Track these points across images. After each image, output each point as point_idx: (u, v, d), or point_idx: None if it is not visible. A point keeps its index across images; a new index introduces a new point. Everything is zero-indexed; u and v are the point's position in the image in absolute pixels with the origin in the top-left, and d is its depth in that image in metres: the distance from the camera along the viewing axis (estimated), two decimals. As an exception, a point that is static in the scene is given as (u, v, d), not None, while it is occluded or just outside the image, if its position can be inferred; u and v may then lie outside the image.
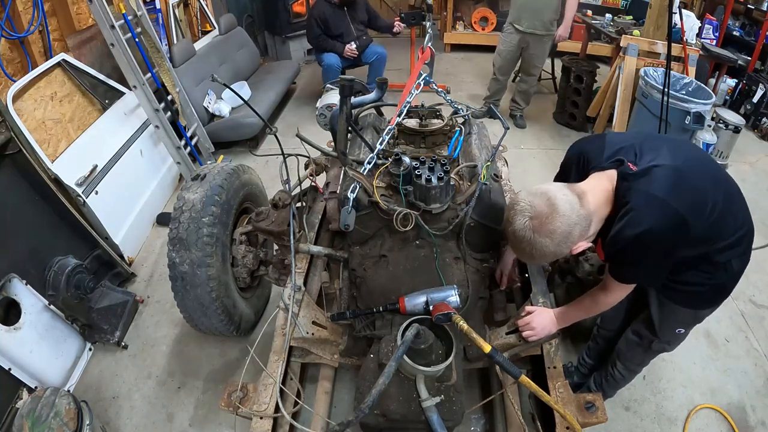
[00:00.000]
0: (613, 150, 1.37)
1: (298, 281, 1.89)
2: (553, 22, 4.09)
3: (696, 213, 1.25)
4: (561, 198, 1.23)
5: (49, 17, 2.97)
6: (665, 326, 1.65)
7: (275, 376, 1.61)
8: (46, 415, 1.68)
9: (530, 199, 1.25)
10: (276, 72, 5.06)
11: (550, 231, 1.21)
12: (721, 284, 1.45)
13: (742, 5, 5.15)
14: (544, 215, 1.21)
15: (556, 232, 1.22)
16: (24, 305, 2.09)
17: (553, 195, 1.23)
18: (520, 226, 1.24)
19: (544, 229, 1.22)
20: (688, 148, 1.46)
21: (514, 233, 1.26)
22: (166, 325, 2.59)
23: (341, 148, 1.83)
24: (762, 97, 4.63)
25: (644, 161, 1.30)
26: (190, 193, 2.00)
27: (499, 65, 4.52)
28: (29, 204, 2.32)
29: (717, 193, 1.32)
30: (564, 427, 1.47)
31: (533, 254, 1.27)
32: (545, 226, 1.21)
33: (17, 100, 2.50)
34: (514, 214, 1.26)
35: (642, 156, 1.32)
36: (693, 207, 1.25)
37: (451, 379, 1.43)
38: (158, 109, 3.32)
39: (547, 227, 1.21)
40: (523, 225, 1.23)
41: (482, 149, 2.06)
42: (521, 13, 4.09)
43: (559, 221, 1.21)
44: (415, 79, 2.01)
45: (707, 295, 1.50)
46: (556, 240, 1.22)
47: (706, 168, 1.38)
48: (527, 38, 4.18)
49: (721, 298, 1.51)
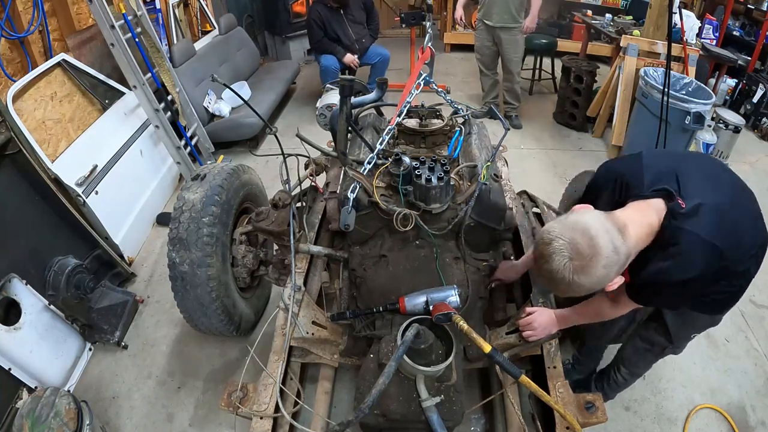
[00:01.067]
0: (654, 175, 1.30)
1: (298, 281, 1.89)
2: (520, 13, 4.18)
3: (734, 249, 1.24)
4: (603, 237, 1.12)
5: (49, 17, 2.97)
6: (682, 333, 1.64)
7: (275, 376, 1.61)
8: (46, 415, 1.68)
9: (570, 235, 1.13)
10: (276, 72, 5.07)
11: (590, 273, 1.13)
12: (739, 288, 1.43)
13: (742, 5, 5.15)
14: (587, 257, 1.11)
15: (596, 275, 1.14)
16: (24, 305, 2.09)
17: (595, 233, 1.12)
18: (559, 267, 1.13)
19: (584, 271, 1.13)
20: (722, 172, 1.40)
21: (551, 273, 1.16)
22: (166, 325, 2.59)
23: (341, 148, 1.83)
24: (762, 97, 4.63)
25: (689, 194, 1.24)
26: (190, 193, 2.00)
27: (480, 61, 4.65)
28: (29, 204, 2.32)
29: (748, 219, 1.31)
30: (564, 427, 1.47)
31: (568, 291, 1.20)
32: (585, 269, 1.12)
33: (17, 100, 2.50)
34: (552, 252, 1.14)
35: (685, 186, 1.26)
36: (732, 244, 1.24)
37: (451, 379, 1.43)
38: (158, 109, 3.32)
39: (588, 269, 1.12)
40: (563, 266, 1.13)
41: (482, 149, 2.06)
42: (490, 9, 4.21)
43: (602, 263, 1.12)
44: (415, 79, 2.01)
45: (726, 301, 1.49)
46: (595, 279, 1.14)
47: (739, 194, 1.35)
48: (498, 32, 4.28)
49: (737, 299, 1.50)
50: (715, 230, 1.21)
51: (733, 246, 1.24)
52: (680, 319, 1.60)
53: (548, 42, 5.18)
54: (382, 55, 4.88)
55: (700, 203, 1.22)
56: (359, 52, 4.74)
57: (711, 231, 1.20)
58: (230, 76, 4.49)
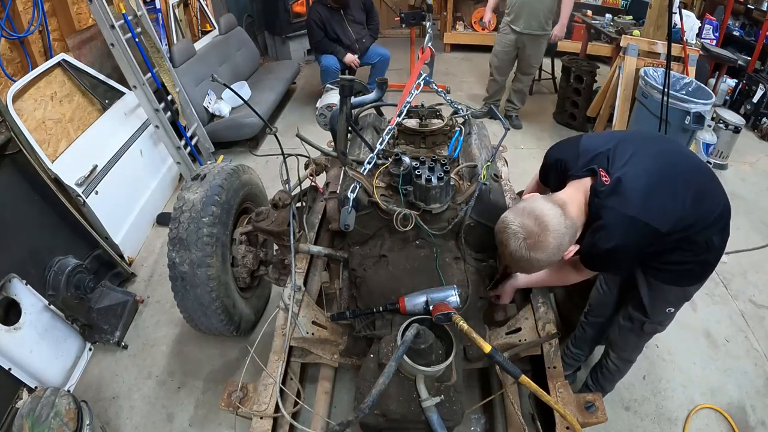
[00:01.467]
0: (588, 157, 1.42)
1: (298, 281, 1.89)
2: (548, 21, 4.12)
3: (667, 219, 1.32)
4: (548, 214, 1.31)
5: (49, 17, 2.97)
6: (655, 306, 1.67)
7: (275, 376, 1.61)
8: (46, 415, 1.68)
9: (519, 220, 1.33)
10: (276, 72, 5.07)
11: (544, 247, 1.30)
12: (705, 260, 1.49)
13: (742, 5, 5.15)
14: (536, 234, 1.30)
15: (549, 247, 1.30)
16: (24, 305, 2.09)
17: (540, 212, 1.31)
18: (515, 248, 1.32)
19: (538, 246, 1.30)
20: (658, 145, 1.50)
21: (511, 255, 1.34)
22: (166, 325, 2.59)
23: (341, 148, 1.83)
24: (762, 97, 4.63)
25: (616, 168, 1.35)
26: (190, 193, 2.00)
27: (496, 65, 4.53)
28: (29, 204, 2.32)
29: (689, 190, 1.36)
30: (564, 427, 1.47)
31: (530, 268, 1.40)
32: (539, 245, 1.30)
33: (17, 100, 2.50)
34: (507, 237, 1.33)
35: (614, 162, 1.37)
36: (663, 216, 1.32)
37: (451, 379, 1.43)
38: (158, 109, 3.32)
39: (541, 245, 1.30)
40: (518, 246, 1.31)
41: (482, 149, 2.06)
42: (518, 13, 4.12)
43: (551, 237, 1.30)
44: (415, 79, 2.01)
45: (693, 273, 1.55)
46: (549, 253, 1.32)
47: (677, 167, 1.41)
48: (524, 38, 4.20)
49: (707, 273, 1.56)
50: (637, 205, 1.30)
51: (667, 218, 1.31)
52: (653, 292, 1.63)
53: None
54: (382, 55, 4.88)
55: (619, 178, 1.32)
56: (359, 52, 4.74)
57: (631, 205, 1.30)
58: (230, 76, 4.49)
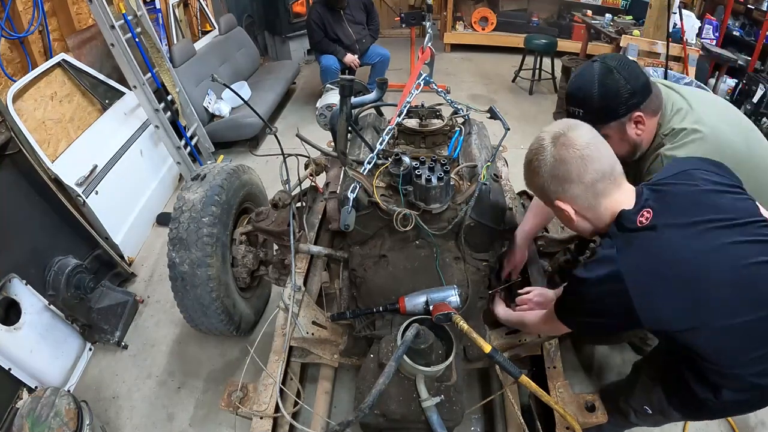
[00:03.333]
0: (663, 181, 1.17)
1: (298, 281, 1.89)
2: None
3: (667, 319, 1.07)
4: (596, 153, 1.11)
5: (49, 17, 2.97)
6: (636, 394, 1.51)
7: (275, 376, 1.61)
8: (46, 415, 1.68)
9: (573, 122, 1.18)
10: (276, 72, 5.07)
11: (562, 156, 1.11)
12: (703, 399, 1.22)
13: (742, 5, 5.15)
14: (572, 141, 1.11)
15: (565, 162, 1.11)
16: (24, 305, 2.09)
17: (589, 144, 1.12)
18: (549, 129, 1.16)
19: (561, 150, 1.12)
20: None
21: (541, 133, 1.18)
22: (166, 325, 2.59)
23: (341, 148, 1.83)
24: (762, 97, 4.62)
25: (665, 218, 1.08)
26: (190, 193, 2.00)
27: None
28: (29, 204, 2.32)
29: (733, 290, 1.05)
30: (564, 427, 1.47)
31: (531, 164, 1.18)
32: (563, 149, 1.11)
33: (17, 100, 2.50)
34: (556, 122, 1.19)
35: (667, 215, 1.08)
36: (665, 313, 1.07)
37: (451, 379, 1.43)
38: (158, 109, 3.32)
39: (563, 151, 1.11)
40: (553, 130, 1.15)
41: (482, 149, 2.06)
42: None
43: (577, 161, 1.10)
44: (415, 79, 2.01)
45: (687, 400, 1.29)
46: (556, 171, 1.12)
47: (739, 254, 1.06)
48: None
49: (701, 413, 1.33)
50: (647, 265, 1.05)
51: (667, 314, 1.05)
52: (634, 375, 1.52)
53: (548, 42, 5.18)
54: (382, 55, 4.88)
55: (656, 224, 1.07)
56: (359, 53, 4.74)
57: (635, 262, 1.05)
58: (230, 76, 4.49)
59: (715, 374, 1.14)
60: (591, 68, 1.39)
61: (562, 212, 1.18)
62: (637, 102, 1.35)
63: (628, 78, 1.34)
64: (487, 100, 5.18)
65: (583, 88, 1.40)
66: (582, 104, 1.41)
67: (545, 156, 1.14)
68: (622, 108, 1.37)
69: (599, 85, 1.36)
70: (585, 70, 1.41)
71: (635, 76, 1.35)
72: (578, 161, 1.10)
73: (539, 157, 1.15)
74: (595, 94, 1.37)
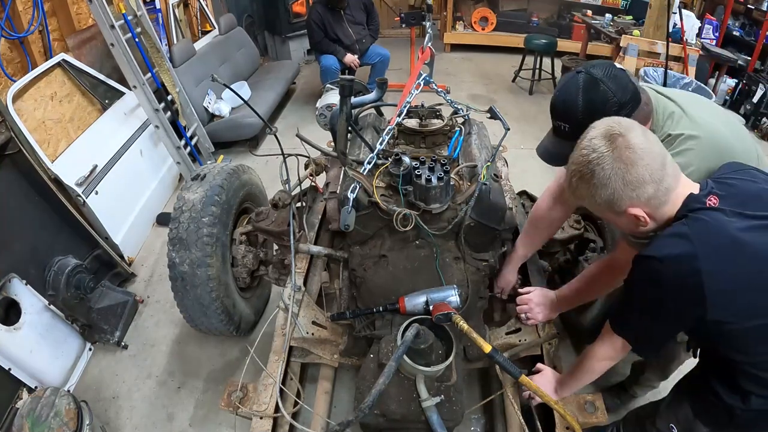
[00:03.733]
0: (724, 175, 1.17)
1: (298, 281, 1.89)
2: None
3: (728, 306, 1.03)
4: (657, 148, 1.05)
5: (49, 17, 2.97)
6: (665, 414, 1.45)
7: (275, 376, 1.61)
8: (46, 415, 1.68)
9: (620, 120, 1.09)
10: (276, 72, 5.07)
11: (629, 159, 1.02)
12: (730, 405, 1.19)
13: (742, 5, 5.15)
14: (633, 141, 1.02)
15: (635, 165, 1.02)
16: (24, 305, 2.09)
17: (648, 139, 1.04)
18: (601, 133, 1.05)
19: (626, 153, 1.02)
20: None
21: (591, 139, 1.06)
22: (166, 325, 2.59)
23: (341, 148, 1.83)
24: (762, 97, 4.63)
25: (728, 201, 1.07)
26: (190, 193, 2.00)
27: None
28: (29, 204, 2.32)
29: None
30: (564, 427, 1.48)
31: (594, 177, 1.05)
32: (627, 152, 1.02)
33: (17, 100, 2.50)
34: (599, 124, 1.09)
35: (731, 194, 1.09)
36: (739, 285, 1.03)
37: (451, 379, 1.43)
38: (158, 109, 3.32)
39: (628, 154, 1.02)
40: (607, 133, 1.05)
41: (482, 149, 2.06)
42: None
43: (645, 159, 1.02)
44: (415, 79, 2.01)
45: (710, 409, 1.26)
46: (629, 176, 1.02)
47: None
48: None
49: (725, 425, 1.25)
50: (719, 244, 1.02)
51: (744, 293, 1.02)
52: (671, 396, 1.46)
53: (548, 42, 5.18)
54: (382, 55, 4.88)
55: (725, 209, 1.05)
56: (359, 53, 4.74)
57: (706, 238, 1.02)
58: (230, 76, 4.49)
59: (749, 378, 1.12)
60: (575, 80, 1.28)
61: (633, 219, 1.09)
62: (626, 114, 1.23)
63: (615, 89, 1.24)
64: (487, 100, 5.19)
65: (567, 101, 1.29)
66: (567, 119, 1.31)
67: (610, 164, 1.02)
68: None
69: (584, 98, 1.25)
70: (569, 82, 1.29)
71: (623, 87, 1.25)
72: (647, 160, 1.02)
73: (602, 166, 1.03)
74: (581, 108, 1.26)
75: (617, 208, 1.07)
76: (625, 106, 1.24)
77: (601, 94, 1.24)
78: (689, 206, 1.07)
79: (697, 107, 1.39)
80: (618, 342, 1.26)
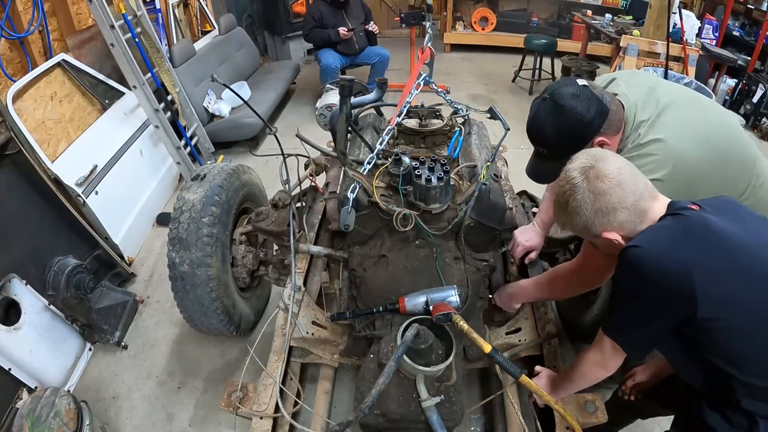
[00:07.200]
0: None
1: (298, 281, 1.89)
2: None
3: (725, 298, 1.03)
4: (630, 178, 1.11)
5: (49, 17, 2.97)
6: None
7: (275, 376, 1.61)
8: (46, 415, 1.68)
9: (595, 152, 1.17)
10: (276, 72, 5.07)
11: (599, 189, 1.09)
12: None
13: (742, 5, 5.15)
14: (604, 172, 1.09)
15: (604, 194, 1.09)
16: (24, 305, 2.08)
17: (621, 171, 1.11)
18: (576, 166, 1.13)
19: (596, 183, 1.10)
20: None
21: (566, 172, 1.15)
22: (166, 325, 2.59)
23: (341, 148, 1.83)
24: (762, 97, 4.63)
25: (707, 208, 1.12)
26: (190, 193, 2.00)
27: None
28: (29, 204, 2.32)
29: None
30: (564, 427, 1.48)
31: (568, 206, 1.14)
32: (597, 182, 1.09)
33: (17, 100, 2.50)
34: (577, 156, 1.17)
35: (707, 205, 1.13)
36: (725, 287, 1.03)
37: (451, 379, 1.43)
38: (158, 109, 3.32)
39: (598, 184, 1.09)
40: (580, 166, 1.13)
41: (482, 149, 2.06)
42: None
43: (615, 189, 1.09)
44: (414, 79, 2.01)
45: None
46: (598, 204, 1.10)
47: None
48: None
49: None
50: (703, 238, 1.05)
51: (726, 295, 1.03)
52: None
53: (548, 42, 5.18)
54: (382, 55, 4.88)
55: (705, 214, 1.09)
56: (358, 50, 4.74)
57: (691, 233, 1.05)
58: (230, 76, 4.49)
59: (749, 394, 1.08)
60: (543, 107, 1.36)
61: (610, 241, 1.15)
62: (595, 128, 1.33)
63: (580, 109, 1.31)
64: (487, 100, 5.19)
65: (539, 128, 1.38)
66: (543, 144, 1.42)
67: (582, 194, 1.11)
68: (582, 139, 1.34)
69: (553, 124, 1.35)
70: (538, 110, 1.38)
71: (587, 104, 1.31)
72: (616, 189, 1.09)
73: (575, 196, 1.12)
74: (552, 133, 1.36)
75: (593, 232, 1.16)
76: (593, 121, 1.32)
77: (567, 116, 1.32)
78: (671, 209, 1.12)
79: (676, 111, 1.40)
80: (606, 345, 1.23)
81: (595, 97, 1.33)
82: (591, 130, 1.33)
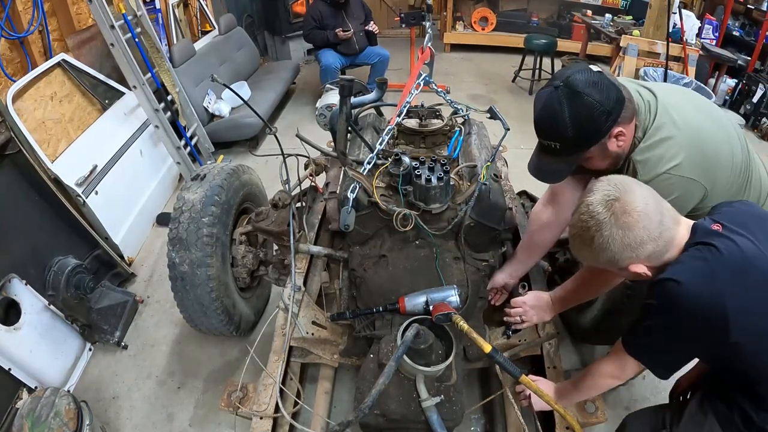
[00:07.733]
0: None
1: (298, 281, 1.89)
2: None
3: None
4: (653, 208, 1.07)
5: (49, 17, 2.97)
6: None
7: (275, 376, 1.61)
8: (46, 415, 1.68)
9: (617, 182, 1.10)
10: (276, 72, 5.07)
11: (626, 223, 1.05)
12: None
13: (742, 5, 5.15)
14: (632, 208, 1.04)
15: (632, 229, 1.05)
16: (24, 305, 2.08)
17: (645, 200, 1.07)
18: (598, 200, 1.07)
19: (623, 218, 1.04)
20: None
21: (588, 206, 1.08)
22: (166, 325, 2.59)
23: (341, 148, 1.84)
24: (762, 97, 4.63)
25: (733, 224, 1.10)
26: (189, 193, 2.00)
27: None
28: (29, 204, 2.32)
29: None
30: (564, 427, 1.48)
31: (593, 242, 1.08)
32: (624, 217, 1.04)
33: (17, 100, 2.50)
34: (597, 188, 1.10)
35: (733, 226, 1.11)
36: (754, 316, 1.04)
37: (451, 379, 1.43)
38: (158, 109, 3.31)
39: (626, 219, 1.05)
40: (603, 200, 1.06)
41: (482, 149, 2.06)
42: None
43: (642, 221, 1.05)
44: (414, 79, 2.02)
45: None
46: (627, 240, 1.05)
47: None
48: None
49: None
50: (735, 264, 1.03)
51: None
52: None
53: (548, 42, 5.18)
54: (382, 55, 4.88)
55: (729, 235, 1.07)
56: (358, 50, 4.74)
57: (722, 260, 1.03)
58: (230, 76, 4.49)
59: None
60: (556, 96, 1.22)
61: (636, 273, 1.12)
62: (614, 119, 1.21)
63: (599, 97, 1.18)
64: (487, 100, 5.18)
65: (553, 119, 1.24)
66: (557, 137, 1.27)
67: (609, 230, 1.05)
68: (600, 131, 1.23)
69: (570, 114, 1.20)
70: (550, 99, 1.23)
71: (606, 92, 1.19)
72: (644, 221, 1.05)
73: (602, 233, 1.06)
74: (568, 124, 1.21)
75: (619, 266, 1.11)
76: (613, 111, 1.21)
77: (586, 105, 1.19)
78: (697, 235, 1.10)
79: (675, 97, 1.36)
80: (629, 363, 1.24)
81: (613, 83, 1.22)
82: (612, 119, 1.21)
